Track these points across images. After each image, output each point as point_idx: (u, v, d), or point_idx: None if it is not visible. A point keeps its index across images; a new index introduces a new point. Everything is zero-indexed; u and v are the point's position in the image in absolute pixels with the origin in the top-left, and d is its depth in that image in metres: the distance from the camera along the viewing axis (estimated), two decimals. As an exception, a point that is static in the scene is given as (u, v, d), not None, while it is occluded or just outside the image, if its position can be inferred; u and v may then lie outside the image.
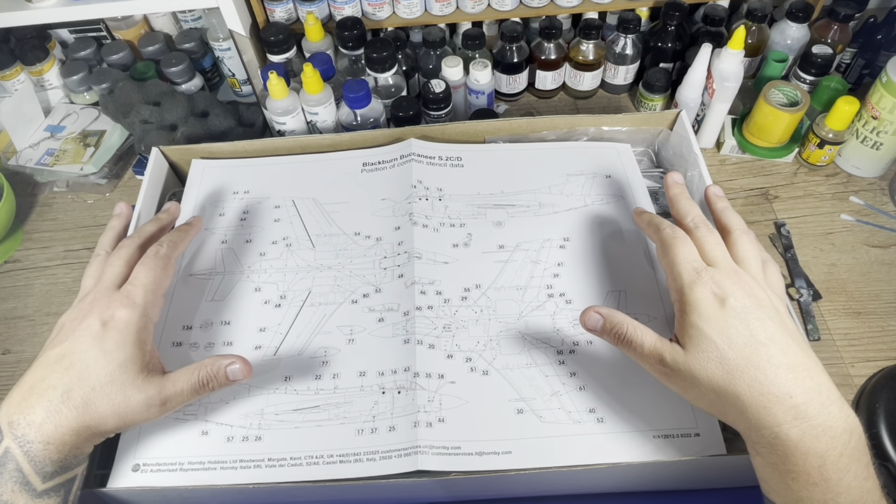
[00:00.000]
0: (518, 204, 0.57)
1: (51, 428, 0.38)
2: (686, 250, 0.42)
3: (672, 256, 0.42)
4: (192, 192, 0.60)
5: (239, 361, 0.42)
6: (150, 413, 0.41)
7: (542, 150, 0.61)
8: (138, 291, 0.43)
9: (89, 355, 0.40)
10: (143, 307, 0.43)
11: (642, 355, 0.40)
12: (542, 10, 0.77)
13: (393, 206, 0.57)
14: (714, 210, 0.47)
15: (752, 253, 0.43)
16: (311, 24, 0.73)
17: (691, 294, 0.39)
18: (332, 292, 0.52)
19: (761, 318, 0.38)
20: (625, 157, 0.61)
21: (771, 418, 0.35)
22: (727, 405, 0.37)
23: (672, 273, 0.42)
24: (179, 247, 0.49)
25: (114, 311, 0.42)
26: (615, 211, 0.56)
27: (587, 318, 0.42)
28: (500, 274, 0.52)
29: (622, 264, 0.52)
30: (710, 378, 0.37)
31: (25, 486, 0.37)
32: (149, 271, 0.44)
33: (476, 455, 0.43)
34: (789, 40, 0.76)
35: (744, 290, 0.39)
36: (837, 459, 0.34)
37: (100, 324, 0.41)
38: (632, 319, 0.41)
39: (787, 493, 0.36)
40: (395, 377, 0.47)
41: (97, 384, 0.39)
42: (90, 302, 0.43)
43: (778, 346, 0.37)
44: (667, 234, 0.44)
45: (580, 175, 0.59)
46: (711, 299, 0.39)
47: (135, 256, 0.46)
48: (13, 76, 0.79)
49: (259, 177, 0.61)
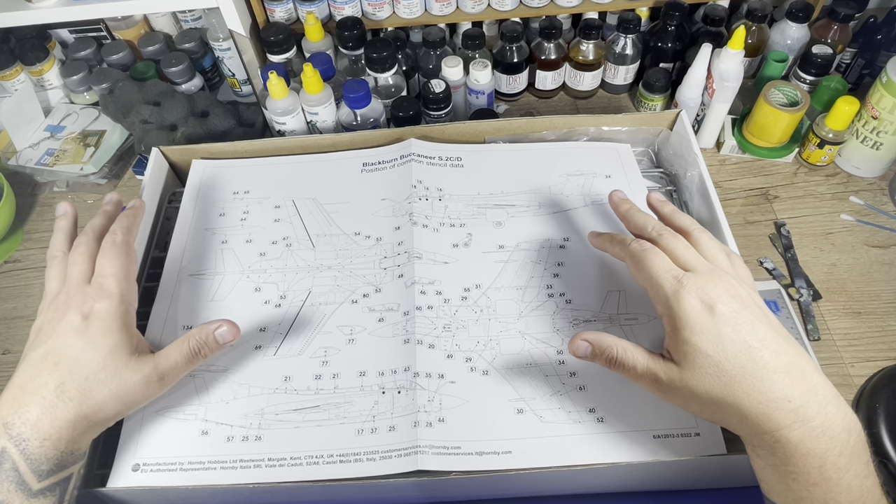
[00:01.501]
0: (518, 204, 0.57)
1: (46, 423, 0.38)
2: (660, 260, 0.41)
3: (648, 269, 0.41)
4: (191, 192, 0.60)
5: (225, 324, 0.43)
6: (150, 390, 0.42)
7: (541, 151, 0.61)
8: (110, 281, 0.43)
9: (76, 348, 0.40)
10: (119, 294, 0.43)
11: (636, 377, 0.40)
12: (542, 10, 0.77)
13: (393, 206, 0.57)
14: (663, 216, 0.47)
15: (717, 249, 0.42)
16: (311, 24, 0.73)
17: (679, 306, 0.38)
18: (332, 292, 0.52)
19: (750, 320, 0.38)
20: (625, 157, 0.61)
21: (771, 423, 0.35)
22: (728, 414, 0.37)
23: (652, 286, 0.41)
24: (133, 231, 0.48)
25: (91, 304, 0.42)
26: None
27: (575, 346, 0.41)
28: (500, 274, 0.52)
29: (622, 264, 0.52)
30: (709, 391, 0.37)
31: (21, 485, 0.36)
32: (114, 260, 0.44)
33: (476, 455, 0.43)
34: (789, 40, 0.76)
35: (728, 292, 0.38)
36: (837, 459, 0.34)
37: (80, 317, 0.41)
38: (621, 341, 0.40)
39: (788, 494, 0.36)
40: (394, 377, 0.47)
41: (90, 374, 0.39)
42: (64, 301, 0.42)
43: (770, 349, 0.37)
44: (634, 248, 0.42)
45: (580, 175, 0.59)
46: (700, 308, 0.38)
47: (94, 250, 0.46)
48: (13, 76, 0.79)
49: (259, 177, 0.61)
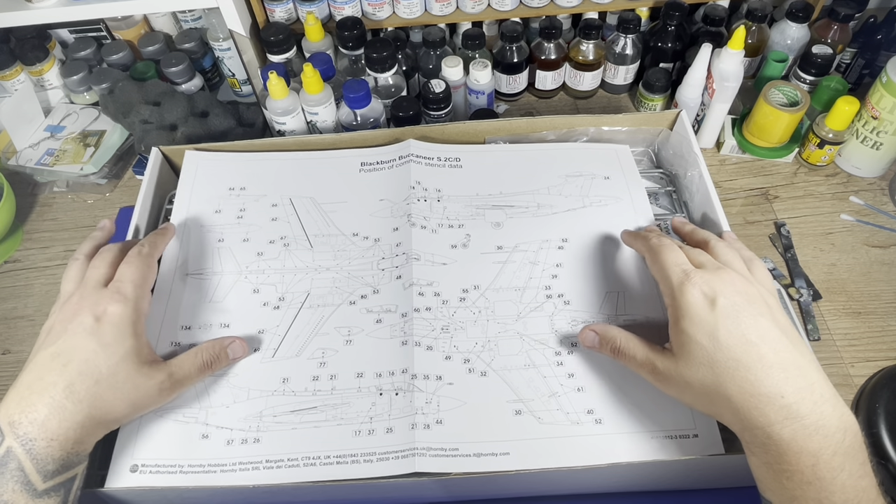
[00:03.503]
0: (517, 205, 0.57)
1: (55, 424, 0.38)
2: (673, 255, 0.43)
3: (661, 262, 0.43)
4: (186, 186, 0.59)
5: (237, 341, 0.47)
6: (163, 397, 0.43)
7: (540, 151, 0.61)
8: (127, 287, 0.44)
9: (87, 349, 0.40)
10: (133, 301, 0.43)
11: (636, 365, 0.43)
12: (542, 10, 0.77)
13: (391, 207, 0.57)
14: (684, 234, 0.50)
15: (733, 255, 0.44)
16: (311, 24, 0.73)
17: (682, 297, 0.40)
18: (331, 294, 0.52)
19: (753, 315, 0.38)
20: (623, 158, 0.61)
21: (763, 418, 0.36)
22: (720, 407, 0.38)
23: (662, 277, 0.43)
24: (159, 247, 0.51)
25: (106, 307, 0.42)
26: (614, 212, 0.56)
27: (583, 336, 0.46)
28: (498, 275, 0.52)
29: (621, 265, 0.52)
30: (702, 381, 0.38)
31: (26, 485, 0.36)
32: (135, 269, 0.45)
33: (474, 456, 0.43)
34: (789, 40, 0.76)
35: (733, 288, 0.39)
36: (831, 458, 0.34)
37: (93, 319, 0.41)
38: (624, 332, 0.44)
39: (782, 492, 0.36)
40: (392, 378, 0.46)
41: (101, 377, 0.40)
42: (77, 301, 0.42)
43: (769, 344, 0.37)
44: (653, 242, 0.45)
45: (579, 176, 0.59)
46: (701, 300, 0.39)
47: (118, 260, 0.46)
48: (13, 76, 0.79)
49: (255, 173, 0.60)
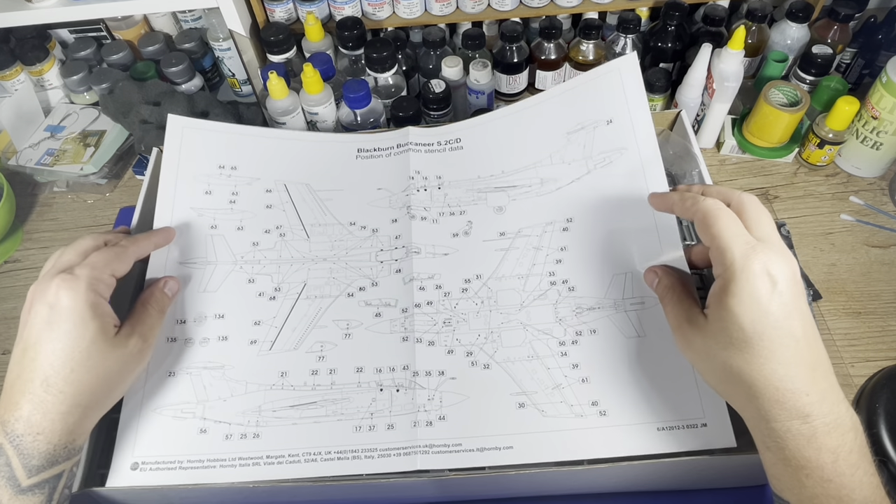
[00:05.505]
0: (519, 184, 0.55)
1: (38, 417, 0.38)
2: (734, 222, 0.39)
3: (720, 228, 0.38)
4: (171, 156, 0.56)
5: (170, 280, 0.49)
6: (143, 357, 0.44)
7: (538, 105, 0.58)
8: (81, 270, 0.42)
9: (49, 340, 0.39)
10: (86, 280, 0.41)
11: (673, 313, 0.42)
12: (542, 10, 0.77)
13: (389, 198, 0.55)
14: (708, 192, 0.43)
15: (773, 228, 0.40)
16: (311, 24, 0.73)
17: (743, 270, 0.36)
18: (328, 285, 0.51)
19: (802, 309, 0.37)
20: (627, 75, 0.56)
21: (783, 412, 0.35)
22: (737, 388, 0.37)
23: (719, 246, 0.38)
24: (140, 244, 0.48)
25: (56, 293, 0.40)
26: (621, 170, 0.53)
27: (646, 276, 0.46)
28: (500, 263, 0.51)
29: (628, 243, 0.50)
30: (727, 361, 0.37)
31: (11, 481, 0.37)
32: (100, 254, 0.43)
33: (477, 451, 0.43)
34: (789, 40, 0.76)
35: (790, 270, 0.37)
36: (848, 455, 0.34)
37: (47, 308, 0.40)
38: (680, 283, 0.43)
39: (801, 491, 0.35)
40: (393, 375, 0.46)
41: (75, 365, 0.39)
42: (32, 291, 0.42)
43: (808, 343, 0.36)
44: (709, 204, 0.40)
45: (580, 130, 0.56)
46: (764, 280, 0.36)
47: (90, 250, 0.44)
48: (13, 76, 0.79)
49: (246, 152, 0.58)
